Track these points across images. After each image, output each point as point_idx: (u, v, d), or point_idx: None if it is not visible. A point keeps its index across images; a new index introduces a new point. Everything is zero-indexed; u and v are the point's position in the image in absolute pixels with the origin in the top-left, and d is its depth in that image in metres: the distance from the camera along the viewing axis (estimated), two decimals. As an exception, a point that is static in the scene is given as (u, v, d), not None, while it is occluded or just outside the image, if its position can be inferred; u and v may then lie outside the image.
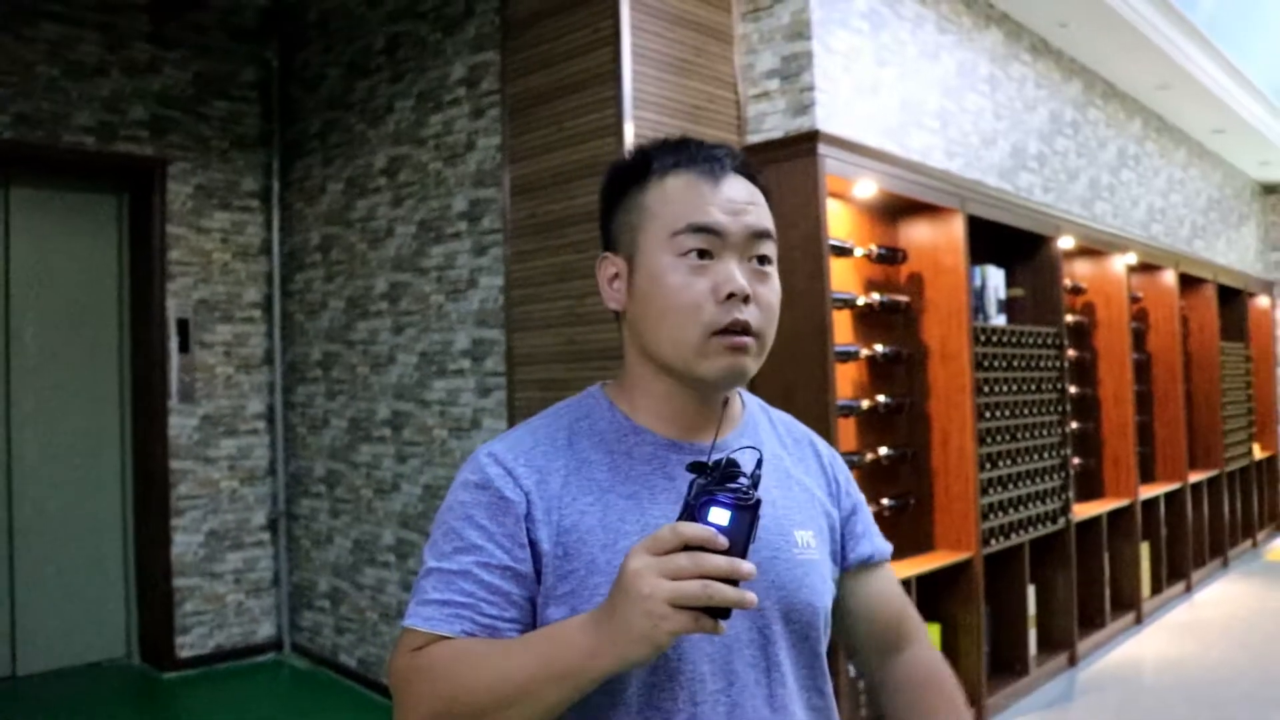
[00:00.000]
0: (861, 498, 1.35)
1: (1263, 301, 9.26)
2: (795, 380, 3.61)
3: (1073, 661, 5.14)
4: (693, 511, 0.92)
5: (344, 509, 5.00)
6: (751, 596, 0.89)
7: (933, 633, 4.29)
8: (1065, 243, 5.34)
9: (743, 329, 1.10)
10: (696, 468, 0.95)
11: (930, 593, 4.29)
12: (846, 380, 4.13)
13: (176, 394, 5.10)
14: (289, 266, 5.43)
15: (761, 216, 1.15)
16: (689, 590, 0.88)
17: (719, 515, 0.91)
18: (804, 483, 1.25)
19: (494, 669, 0.99)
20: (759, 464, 0.95)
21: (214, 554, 5.22)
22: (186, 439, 5.14)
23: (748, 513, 0.91)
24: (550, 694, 0.96)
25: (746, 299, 1.10)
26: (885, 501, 4.21)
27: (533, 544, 1.08)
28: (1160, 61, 5.80)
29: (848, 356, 4.01)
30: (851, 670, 3.66)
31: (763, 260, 1.14)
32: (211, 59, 5.28)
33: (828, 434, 3.57)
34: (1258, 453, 8.73)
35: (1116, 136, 6.26)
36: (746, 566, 0.89)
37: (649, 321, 1.13)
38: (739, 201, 1.13)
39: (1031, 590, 4.86)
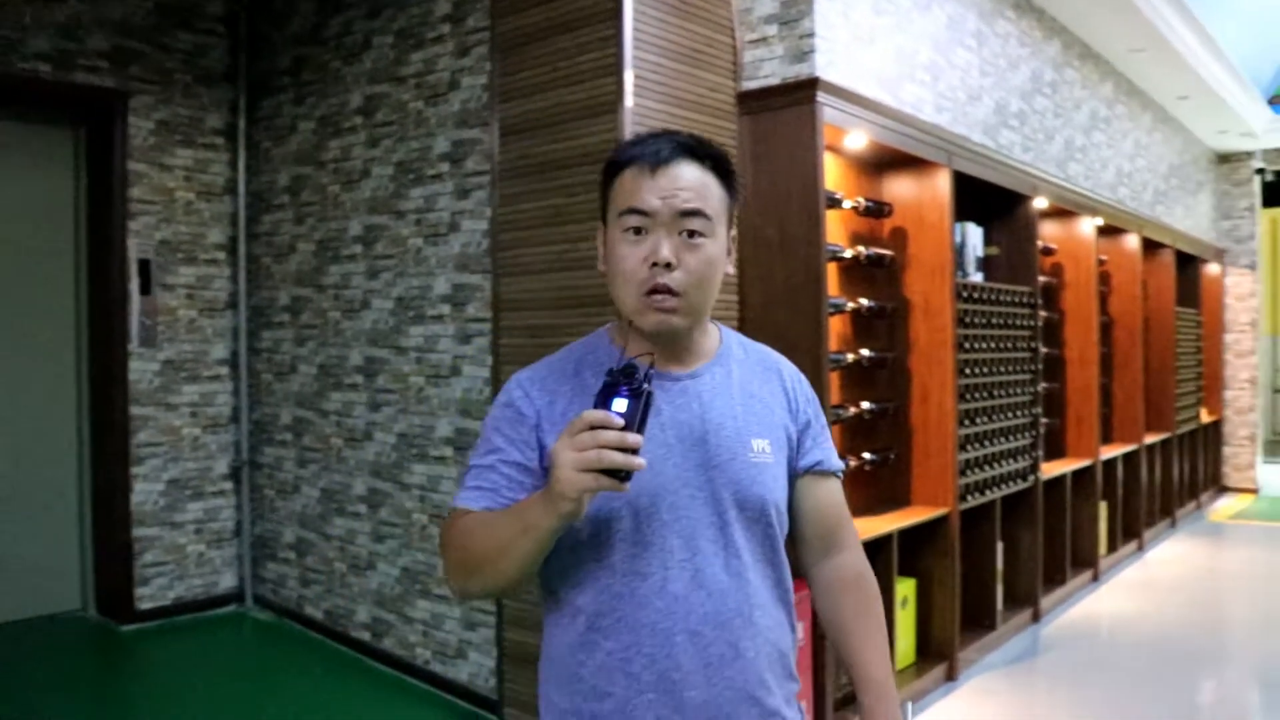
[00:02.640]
0: (820, 416, 1.61)
1: (1214, 269, 9.43)
2: (788, 331, 3.57)
3: (1036, 617, 5.22)
4: (597, 403, 1.19)
5: (312, 458, 4.88)
6: (638, 461, 1.16)
7: (908, 587, 4.31)
8: (1039, 203, 5.35)
9: (665, 290, 1.38)
10: (609, 372, 1.21)
11: (908, 548, 4.31)
12: (832, 333, 4.09)
13: (137, 338, 4.93)
14: (255, 208, 5.25)
15: (694, 199, 1.40)
16: (588, 457, 1.16)
17: (619, 404, 1.18)
18: (766, 400, 1.52)
19: (490, 531, 1.33)
20: (651, 364, 1.23)
21: (175, 503, 5.08)
22: (147, 384, 4.98)
23: (639, 399, 1.18)
24: (520, 545, 1.28)
25: (669, 265, 1.37)
26: (866, 456, 4.20)
27: (541, 446, 1.42)
28: (1137, 23, 5.81)
29: (835, 309, 3.97)
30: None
31: (692, 234, 1.40)
32: (175, -12, 5.06)
33: (820, 386, 3.54)
34: (1204, 417, 8.92)
35: (1090, 98, 6.28)
36: (633, 438, 1.16)
37: (610, 281, 1.45)
38: (670, 188, 1.39)
39: (999, 547, 4.92)
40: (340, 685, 4.29)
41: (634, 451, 1.16)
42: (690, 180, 1.41)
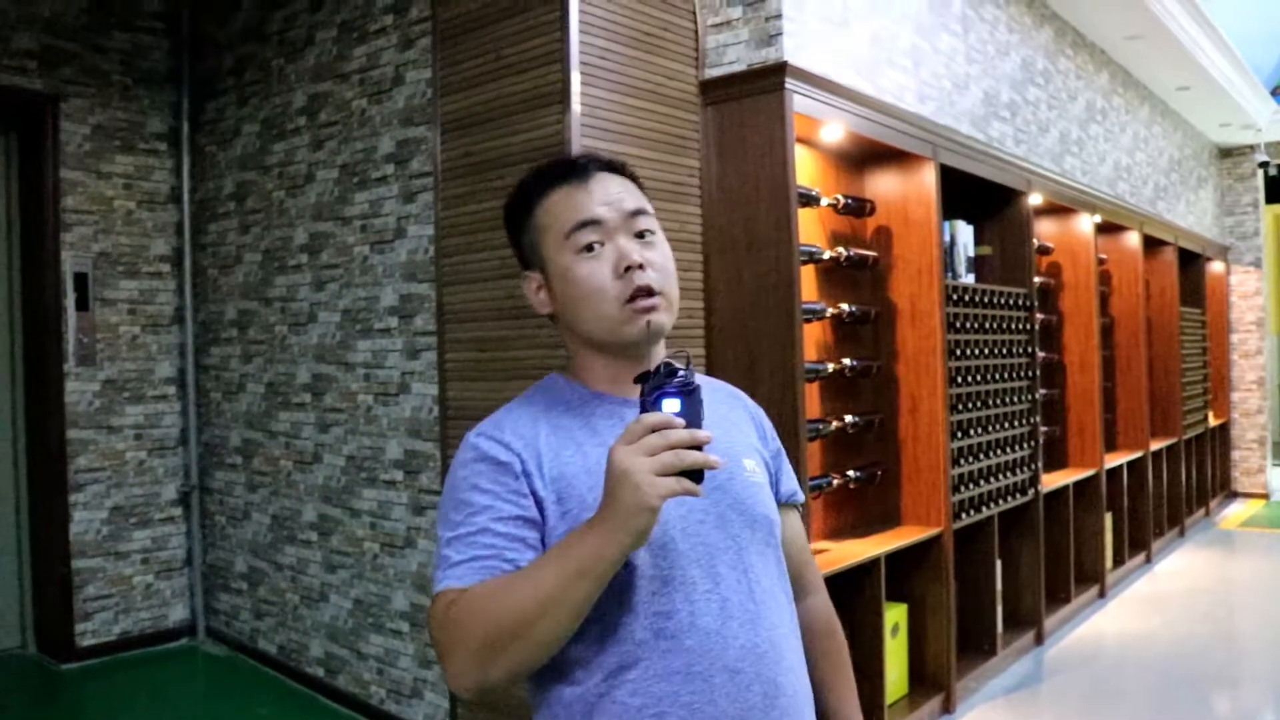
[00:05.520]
0: (782, 446, 1.53)
1: (1217, 267, 9.12)
2: (759, 340, 3.27)
3: (1039, 639, 4.91)
4: (649, 407, 1.10)
5: (261, 482, 4.58)
6: (716, 458, 1.08)
7: (899, 613, 4.00)
8: (1034, 199, 5.05)
9: (647, 291, 1.29)
10: (642, 377, 1.13)
11: (898, 571, 4.00)
12: (811, 341, 3.81)
13: (74, 356, 4.62)
14: (200, 216, 4.95)
15: (632, 199, 1.34)
16: (666, 459, 1.06)
17: (671, 404, 1.09)
18: (738, 425, 1.44)
19: (519, 592, 1.12)
20: (687, 361, 1.14)
21: (119, 532, 4.76)
22: (86, 406, 4.67)
23: (693, 395, 1.10)
24: (573, 593, 1.10)
25: (641, 266, 1.29)
26: (851, 473, 3.89)
27: (533, 494, 1.24)
28: (1134, 8, 5.52)
29: (813, 315, 3.66)
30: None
31: (643, 234, 1.33)
32: (111, -15, 4.76)
33: (794, 399, 3.24)
34: (1211, 420, 8.61)
35: (1085, 89, 5.98)
36: (703, 434, 1.08)
37: (575, 312, 1.32)
38: (610, 193, 1.33)
39: (998, 566, 4.60)
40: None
41: (701, 449, 1.08)
42: (620, 185, 1.36)
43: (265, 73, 4.47)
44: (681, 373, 1.11)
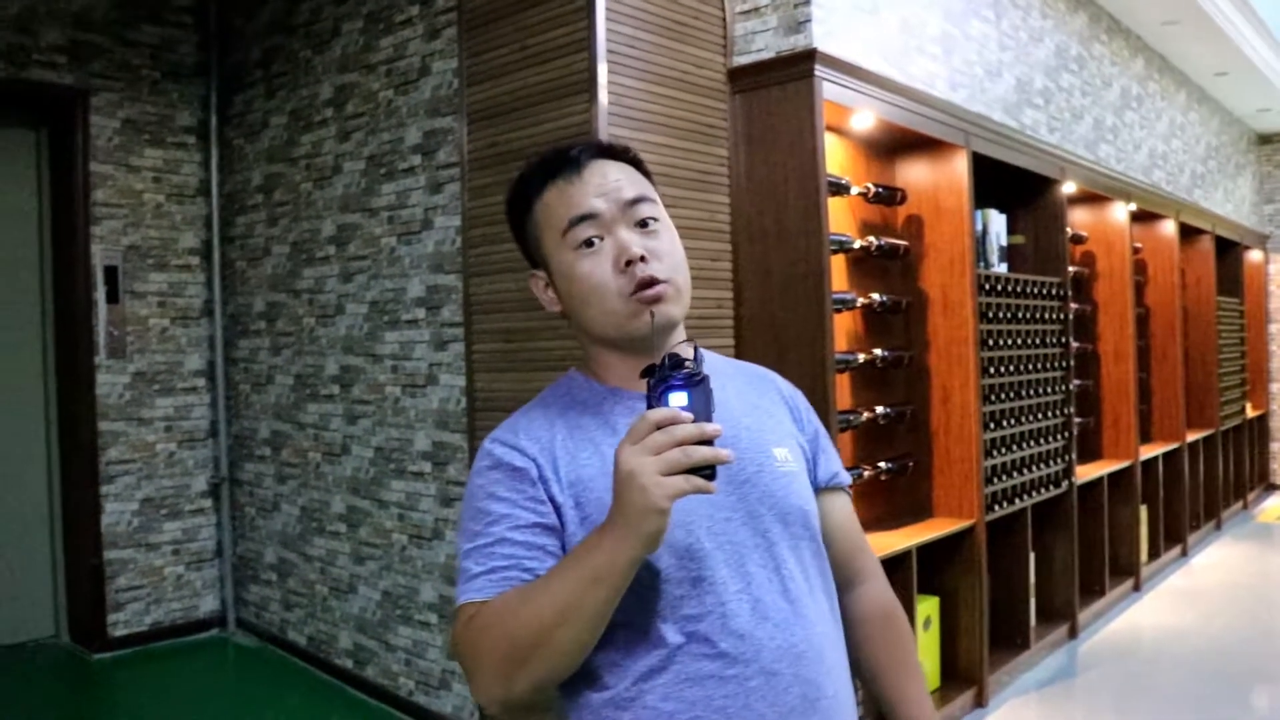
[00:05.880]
0: (822, 426, 1.46)
1: (1256, 255, 8.96)
2: (789, 330, 3.23)
3: (1073, 633, 4.84)
4: (654, 402, 1.05)
5: (291, 474, 4.59)
6: (726, 452, 1.02)
7: (931, 606, 3.95)
8: (1068, 187, 4.96)
9: (651, 282, 1.23)
10: (648, 371, 1.08)
11: (929, 563, 3.95)
12: (841, 331, 3.76)
13: (105, 349, 4.65)
14: (229, 209, 4.96)
15: (630, 187, 1.28)
16: (673, 457, 1.01)
17: (678, 398, 1.04)
18: (770, 410, 1.37)
19: (536, 602, 1.09)
20: (696, 350, 1.11)
21: (149, 523, 4.79)
22: (117, 398, 4.70)
23: (701, 387, 1.04)
24: (590, 600, 1.06)
25: (643, 258, 1.24)
26: (882, 465, 3.85)
27: (550, 500, 1.20)
28: (1172, -9, 5.41)
29: (843, 305, 3.62)
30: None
31: (645, 223, 1.27)
32: (140, -21, 4.77)
33: (824, 389, 3.19)
34: (1249, 411, 8.47)
35: (1120, 75, 5.88)
36: (711, 427, 1.02)
37: (580, 310, 1.28)
38: (605, 183, 1.27)
39: (1031, 558, 4.54)
40: (322, 719, 3.99)
41: (711, 444, 1.02)
42: (617, 173, 1.30)
43: (292, 65, 4.47)
44: (688, 364, 1.06)
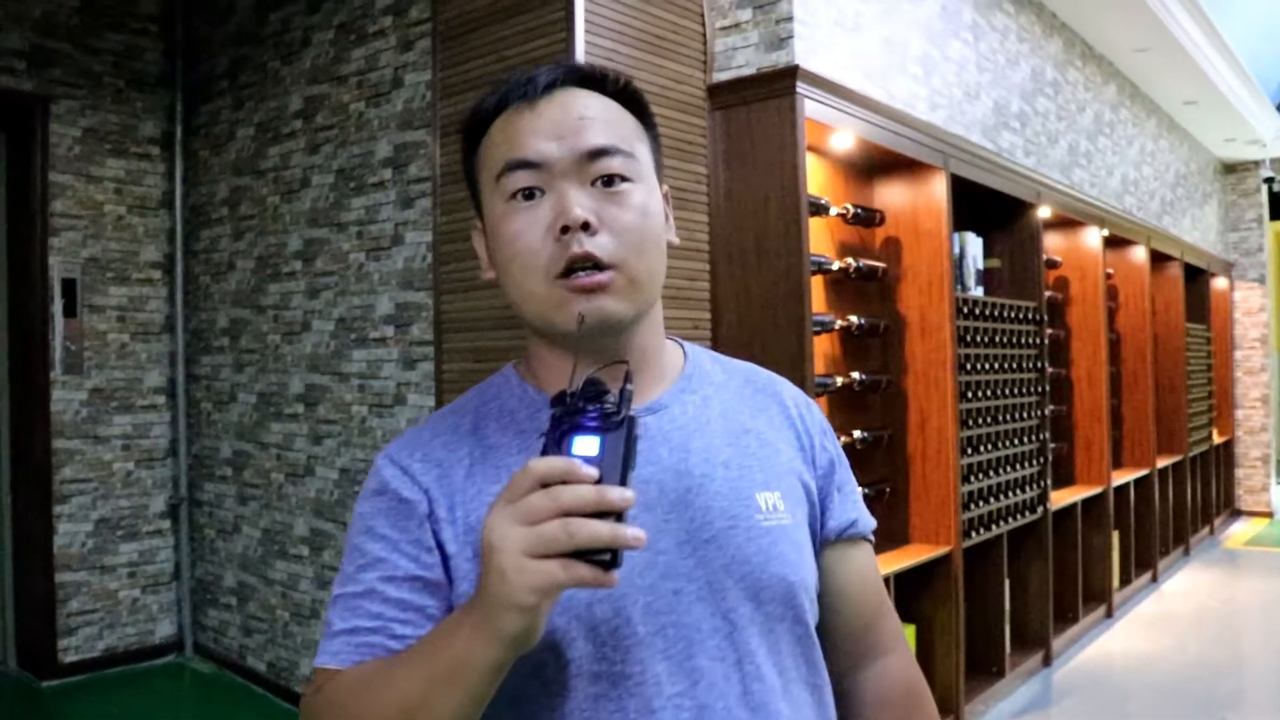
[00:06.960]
0: (841, 455, 1.12)
1: (1221, 283, 9.04)
2: (768, 352, 3.16)
3: (1048, 661, 4.79)
4: (550, 448, 0.76)
5: (252, 495, 4.45)
6: (633, 533, 0.71)
7: (907, 635, 3.88)
8: (1043, 211, 4.95)
9: (590, 264, 0.91)
10: (557, 399, 0.77)
11: (906, 590, 3.88)
12: (819, 354, 3.69)
13: (61, 364, 4.50)
14: (193, 222, 4.84)
15: (601, 130, 0.95)
16: (549, 533, 0.71)
17: (586, 444, 0.74)
18: (765, 437, 1.05)
19: (390, 688, 0.85)
20: (627, 378, 0.77)
21: (105, 545, 4.63)
22: (72, 415, 4.54)
23: (619, 433, 0.74)
24: (441, 704, 0.80)
25: (586, 226, 0.91)
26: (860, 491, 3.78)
27: (439, 546, 0.94)
28: (1144, 19, 5.44)
29: (822, 327, 3.57)
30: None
31: (610, 180, 0.94)
32: (104, -14, 4.65)
33: (804, 414, 3.12)
34: (1216, 437, 8.51)
35: (1093, 100, 5.90)
36: (616, 493, 0.72)
37: (504, 280, 0.97)
38: (564, 120, 0.94)
39: (1006, 585, 4.49)
40: (277, 750, 3.86)
41: (620, 517, 0.72)
42: (592, 109, 0.96)
43: (261, 75, 4.37)
44: (608, 399, 0.77)
